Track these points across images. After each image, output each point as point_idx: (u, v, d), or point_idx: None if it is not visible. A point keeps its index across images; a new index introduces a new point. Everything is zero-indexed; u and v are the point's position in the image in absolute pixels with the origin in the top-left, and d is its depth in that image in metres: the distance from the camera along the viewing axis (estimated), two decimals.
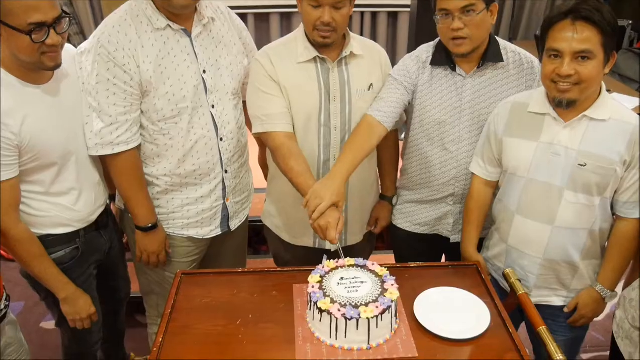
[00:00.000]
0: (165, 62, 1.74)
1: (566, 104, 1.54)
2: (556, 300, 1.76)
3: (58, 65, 1.61)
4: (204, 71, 1.81)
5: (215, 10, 1.88)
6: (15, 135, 1.55)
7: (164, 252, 1.96)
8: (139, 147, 1.83)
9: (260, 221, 2.22)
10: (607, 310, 2.60)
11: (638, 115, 1.61)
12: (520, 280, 1.68)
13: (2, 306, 1.64)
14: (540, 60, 1.60)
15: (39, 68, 1.59)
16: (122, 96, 1.72)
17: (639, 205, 1.61)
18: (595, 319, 1.86)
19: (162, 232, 1.94)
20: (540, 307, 1.68)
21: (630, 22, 5.11)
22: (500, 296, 1.66)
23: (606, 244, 1.73)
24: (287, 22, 5.02)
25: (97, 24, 4.98)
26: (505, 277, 1.70)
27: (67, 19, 1.57)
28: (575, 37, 1.47)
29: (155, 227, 1.91)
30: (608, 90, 1.61)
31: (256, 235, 3.11)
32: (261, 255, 3.14)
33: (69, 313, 1.81)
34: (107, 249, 1.96)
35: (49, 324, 2.83)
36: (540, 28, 1.59)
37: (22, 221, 1.66)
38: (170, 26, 1.74)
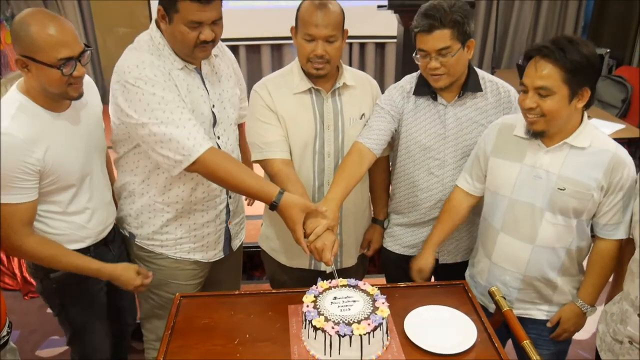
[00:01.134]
0: (190, 97, 1.81)
1: (533, 134, 1.65)
2: (538, 314, 1.83)
3: (81, 95, 1.71)
4: (213, 105, 1.89)
5: (217, 47, 1.95)
6: (39, 161, 1.64)
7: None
8: None
9: (254, 247, 2.30)
10: (593, 329, 2.66)
11: (617, 143, 1.70)
12: (504, 298, 1.76)
13: (5, 333, 1.68)
14: None
15: (64, 98, 1.69)
16: (181, 104, 1.73)
17: (618, 227, 1.69)
18: (583, 338, 1.93)
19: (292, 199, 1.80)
20: (524, 322, 1.75)
21: (608, 50, 5.28)
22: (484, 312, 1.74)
23: (583, 261, 1.81)
24: (277, 53, 5.16)
25: (91, 56, 5.10)
26: (491, 294, 1.77)
27: (89, 51, 1.67)
28: (536, 74, 1.58)
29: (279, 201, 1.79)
30: (588, 116, 1.71)
31: (250, 261, 3.16)
32: (254, 281, 3.19)
33: (122, 287, 1.87)
34: (116, 262, 2.00)
35: (45, 352, 2.84)
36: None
37: (33, 233, 1.72)
38: (186, 66, 1.82)
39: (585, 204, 1.66)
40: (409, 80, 1.99)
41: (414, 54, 1.85)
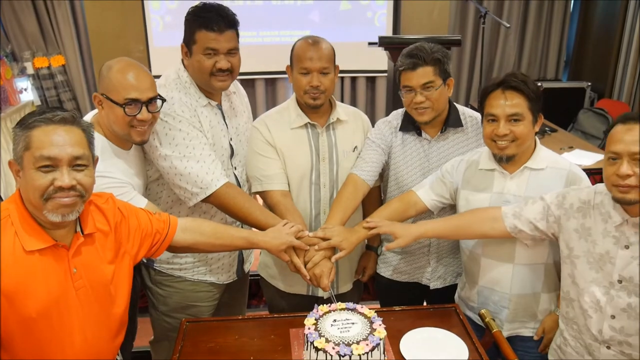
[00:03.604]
0: (212, 132, 1.96)
1: (506, 159, 1.80)
2: (525, 331, 1.93)
3: (145, 141, 1.82)
4: (231, 139, 2.04)
5: (234, 84, 2.10)
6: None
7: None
8: None
9: (251, 275, 2.39)
10: None
11: (570, 161, 1.88)
12: (494, 319, 1.86)
13: None
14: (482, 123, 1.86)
15: (127, 140, 1.82)
16: (203, 141, 1.90)
17: None
18: None
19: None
20: (513, 341, 1.86)
21: (590, 83, 5.48)
22: (476, 332, 1.83)
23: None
24: (271, 87, 5.31)
25: (89, 91, 5.22)
26: (481, 317, 1.88)
27: (161, 101, 1.80)
28: (506, 103, 1.75)
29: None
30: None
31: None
32: (252, 309, 3.25)
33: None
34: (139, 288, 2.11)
35: None
36: (478, 97, 1.86)
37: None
38: (210, 103, 1.97)
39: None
40: (396, 117, 2.12)
41: (398, 91, 1.99)
